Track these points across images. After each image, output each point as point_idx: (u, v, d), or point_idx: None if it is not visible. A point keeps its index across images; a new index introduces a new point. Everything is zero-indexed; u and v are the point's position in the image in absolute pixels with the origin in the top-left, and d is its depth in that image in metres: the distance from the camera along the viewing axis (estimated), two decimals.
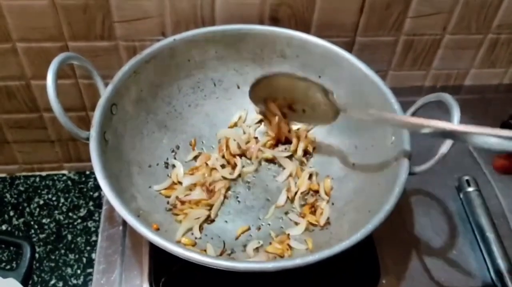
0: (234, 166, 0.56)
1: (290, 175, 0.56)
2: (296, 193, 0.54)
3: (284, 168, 0.57)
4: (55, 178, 0.73)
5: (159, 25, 0.58)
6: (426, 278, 0.53)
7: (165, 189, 0.53)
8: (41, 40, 0.58)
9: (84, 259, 0.65)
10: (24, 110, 0.66)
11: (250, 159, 0.57)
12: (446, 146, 0.42)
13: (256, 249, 0.49)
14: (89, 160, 0.73)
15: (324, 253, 0.39)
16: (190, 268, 0.47)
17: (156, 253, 0.51)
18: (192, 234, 0.50)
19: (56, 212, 0.70)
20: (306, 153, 0.58)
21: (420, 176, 0.46)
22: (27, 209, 0.70)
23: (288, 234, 0.51)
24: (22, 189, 0.72)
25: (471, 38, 0.66)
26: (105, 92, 0.48)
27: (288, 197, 0.54)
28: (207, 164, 0.56)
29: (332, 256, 0.39)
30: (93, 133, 0.45)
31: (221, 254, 0.49)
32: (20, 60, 0.60)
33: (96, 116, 0.46)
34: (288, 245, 0.50)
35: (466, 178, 0.58)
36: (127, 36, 0.59)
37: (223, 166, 0.56)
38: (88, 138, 0.45)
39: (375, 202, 0.46)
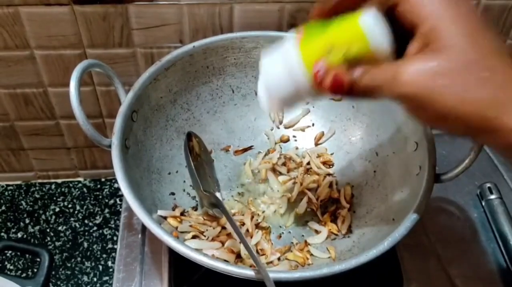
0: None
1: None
2: (316, 200, 0.54)
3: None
4: (71, 185, 0.73)
5: (177, 33, 0.58)
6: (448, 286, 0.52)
7: (172, 217, 0.49)
8: (60, 47, 0.58)
9: (100, 267, 0.65)
10: (41, 117, 0.66)
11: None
12: (474, 152, 0.41)
13: (278, 258, 0.49)
14: (104, 167, 0.75)
15: (351, 263, 0.38)
16: (210, 276, 0.47)
17: (177, 261, 0.51)
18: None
19: (72, 219, 0.69)
20: (325, 163, 0.58)
21: (440, 183, 0.46)
22: (43, 217, 0.69)
23: (306, 241, 0.51)
24: (37, 196, 0.72)
25: None
26: (126, 99, 0.48)
27: (308, 205, 0.54)
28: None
29: (359, 266, 0.39)
30: (115, 140, 0.45)
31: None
32: (38, 68, 0.60)
33: (118, 124, 0.46)
34: (309, 252, 0.50)
35: (488, 185, 0.58)
36: (145, 44, 0.59)
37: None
38: (110, 146, 0.44)
39: (399, 209, 0.46)
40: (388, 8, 0.31)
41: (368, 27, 0.31)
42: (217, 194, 0.52)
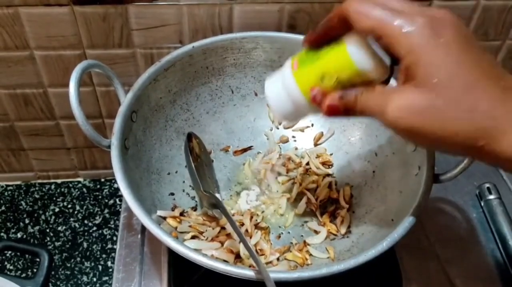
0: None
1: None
2: (316, 201, 0.54)
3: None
4: (71, 185, 0.73)
5: (177, 33, 0.58)
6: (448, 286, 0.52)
7: (171, 217, 0.49)
8: (59, 48, 0.58)
9: (100, 267, 0.65)
10: (41, 117, 0.66)
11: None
12: None
13: (277, 258, 0.49)
14: (104, 167, 0.75)
15: (350, 263, 0.38)
16: (210, 277, 0.47)
17: (176, 261, 0.51)
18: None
19: (71, 219, 0.69)
20: (324, 163, 0.58)
21: (439, 183, 0.46)
22: (43, 217, 0.69)
23: (305, 241, 0.51)
24: (37, 196, 0.72)
25: (489, 45, 0.66)
26: (125, 100, 0.48)
27: (307, 206, 0.54)
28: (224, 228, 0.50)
29: (357, 266, 0.39)
30: (114, 141, 0.45)
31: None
32: (38, 68, 0.60)
33: (117, 124, 0.46)
34: (308, 252, 0.50)
35: (487, 185, 0.58)
36: (145, 44, 0.59)
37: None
38: (109, 146, 0.44)
39: (398, 210, 0.46)
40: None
41: (353, 54, 0.32)
42: (217, 195, 0.52)
